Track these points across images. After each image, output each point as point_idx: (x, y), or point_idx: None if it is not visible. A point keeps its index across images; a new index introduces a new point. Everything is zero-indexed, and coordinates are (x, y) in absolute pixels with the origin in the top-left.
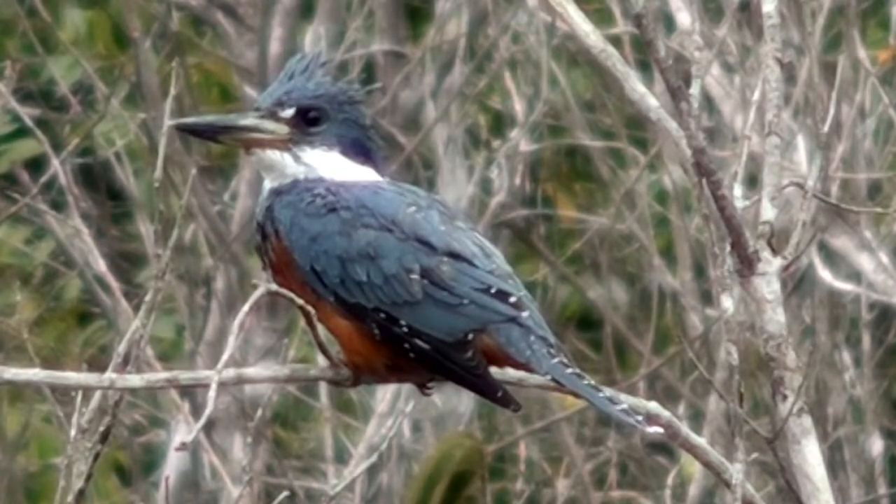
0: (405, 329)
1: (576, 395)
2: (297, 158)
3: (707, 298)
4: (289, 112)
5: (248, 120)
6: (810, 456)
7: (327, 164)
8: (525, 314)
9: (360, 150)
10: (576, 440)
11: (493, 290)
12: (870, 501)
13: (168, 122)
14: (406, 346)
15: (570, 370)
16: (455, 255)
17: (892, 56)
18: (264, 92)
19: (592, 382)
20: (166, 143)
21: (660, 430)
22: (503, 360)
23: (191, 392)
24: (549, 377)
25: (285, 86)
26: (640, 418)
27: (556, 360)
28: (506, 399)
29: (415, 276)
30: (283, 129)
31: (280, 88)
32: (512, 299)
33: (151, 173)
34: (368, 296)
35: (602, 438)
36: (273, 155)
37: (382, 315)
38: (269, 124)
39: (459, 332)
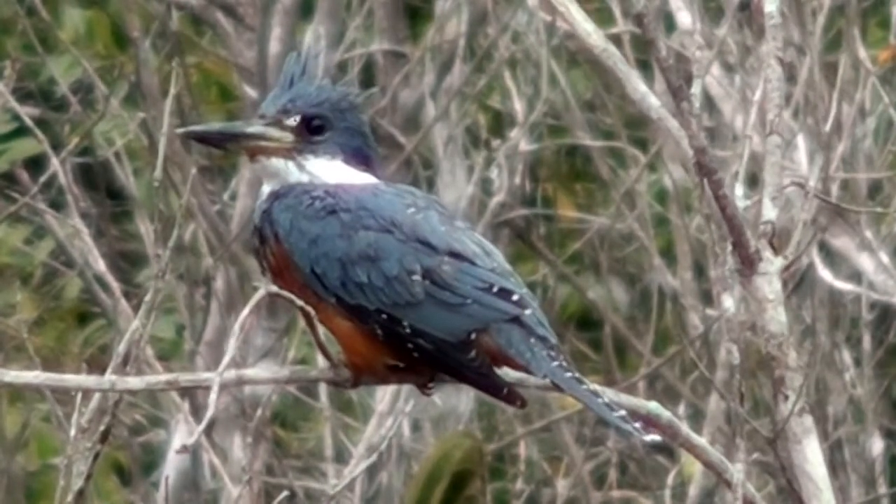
0: (408, 330)
1: (575, 398)
2: (300, 167)
3: (707, 298)
4: (294, 120)
5: (255, 128)
6: (811, 456)
7: (330, 173)
8: (527, 312)
9: (361, 158)
10: (576, 440)
11: (495, 289)
12: (870, 501)
13: (178, 130)
14: (409, 345)
15: (569, 374)
16: (456, 255)
17: (892, 56)
18: (268, 98)
19: (591, 387)
20: (166, 143)
21: (657, 437)
22: (503, 361)
23: (191, 392)
24: (547, 380)
25: (288, 92)
26: (637, 426)
27: (555, 362)
28: (511, 396)
29: (416, 277)
30: (287, 138)
31: (284, 95)
32: (514, 297)
33: (151, 173)
34: (370, 297)
35: (602, 438)
36: (278, 163)
37: (384, 316)
38: (274, 132)
39: (462, 332)
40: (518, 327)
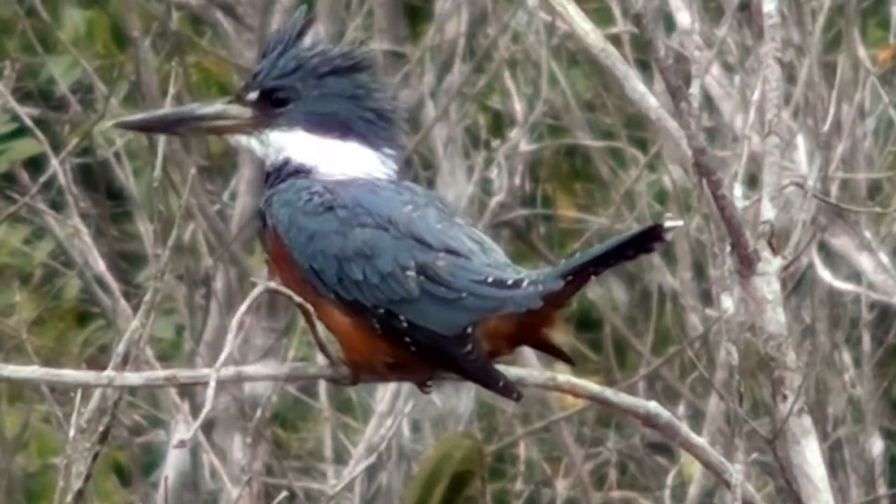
0: (405, 324)
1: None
2: (261, 141)
3: (707, 298)
4: (253, 95)
5: (211, 108)
6: (810, 456)
7: (292, 143)
8: (525, 283)
9: (336, 124)
10: (575, 440)
11: (489, 280)
12: (870, 502)
13: (108, 123)
14: (407, 339)
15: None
16: (451, 252)
17: (891, 55)
18: None
19: None
20: (166, 142)
21: (678, 223)
22: (523, 326)
23: (190, 392)
24: (568, 277)
25: (258, 66)
26: (668, 221)
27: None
28: (508, 388)
29: (411, 274)
30: (246, 114)
31: (255, 68)
32: (509, 282)
33: (151, 173)
34: (366, 294)
35: (602, 439)
36: (241, 139)
37: (382, 311)
38: (233, 109)
39: (458, 327)
40: (520, 293)
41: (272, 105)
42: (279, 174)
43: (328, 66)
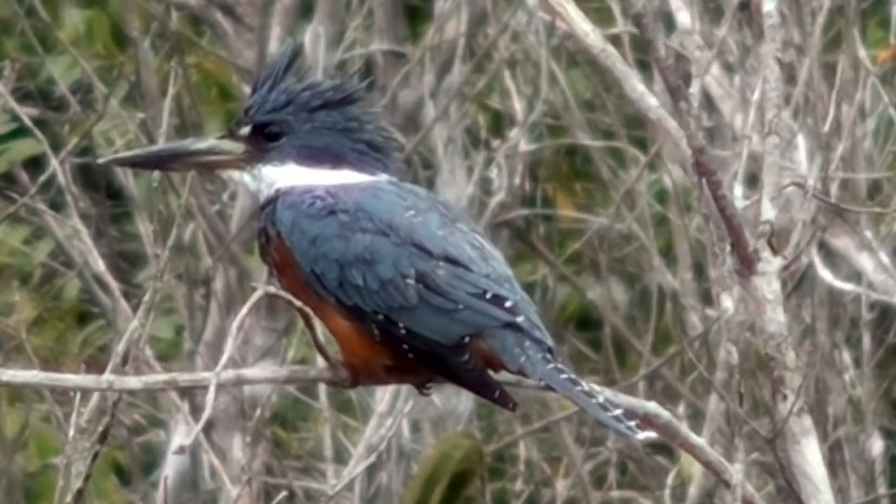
0: (403, 331)
1: (569, 399)
2: (254, 176)
3: (707, 298)
4: (245, 130)
5: (205, 143)
6: (810, 456)
7: (284, 177)
8: (520, 318)
9: (327, 157)
10: (575, 440)
11: (488, 295)
12: (870, 502)
13: (99, 160)
14: (405, 346)
15: (564, 375)
16: (451, 260)
17: (891, 55)
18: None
19: (586, 388)
20: (165, 142)
21: (652, 434)
22: (498, 366)
23: (190, 392)
24: (542, 383)
25: (249, 100)
26: (631, 424)
27: (550, 365)
28: (503, 398)
29: (410, 281)
30: (239, 149)
31: (247, 103)
32: (507, 304)
33: (150, 173)
34: (366, 300)
35: (601, 438)
36: (234, 174)
37: (381, 317)
38: (226, 144)
39: (455, 336)
40: (512, 332)
41: (264, 139)
42: (290, 191)
43: (319, 99)
